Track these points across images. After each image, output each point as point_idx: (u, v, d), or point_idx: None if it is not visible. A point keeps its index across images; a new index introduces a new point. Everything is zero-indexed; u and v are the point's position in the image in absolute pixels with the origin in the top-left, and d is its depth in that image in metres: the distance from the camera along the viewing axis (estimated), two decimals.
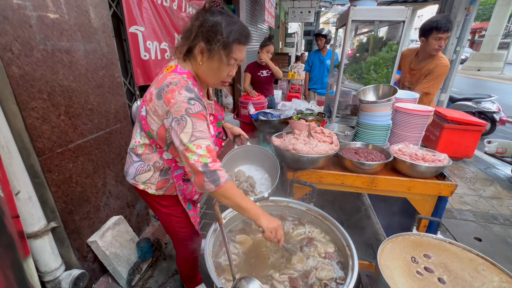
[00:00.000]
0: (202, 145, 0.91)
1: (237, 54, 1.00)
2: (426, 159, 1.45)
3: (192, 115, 0.92)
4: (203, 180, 0.90)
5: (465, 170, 3.70)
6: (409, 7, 1.69)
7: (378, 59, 2.05)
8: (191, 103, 0.93)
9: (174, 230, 1.34)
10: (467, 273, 0.97)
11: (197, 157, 0.90)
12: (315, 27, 12.84)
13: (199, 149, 0.90)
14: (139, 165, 1.17)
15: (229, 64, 1.01)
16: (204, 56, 1.00)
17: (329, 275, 0.96)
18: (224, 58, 0.99)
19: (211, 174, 0.90)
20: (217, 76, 1.05)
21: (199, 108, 0.95)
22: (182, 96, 0.93)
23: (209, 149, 0.92)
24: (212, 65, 1.01)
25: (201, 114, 0.95)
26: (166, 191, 1.20)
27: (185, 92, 0.94)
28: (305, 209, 1.27)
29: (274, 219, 0.98)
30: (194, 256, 1.51)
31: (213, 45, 0.96)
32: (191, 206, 1.32)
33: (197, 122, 0.93)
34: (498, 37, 14.00)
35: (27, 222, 1.26)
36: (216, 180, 0.90)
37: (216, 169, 0.91)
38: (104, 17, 1.58)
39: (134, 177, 1.20)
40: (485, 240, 2.35)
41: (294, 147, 1.44)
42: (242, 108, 3.13)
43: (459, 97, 5.16)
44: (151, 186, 1.19)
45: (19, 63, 1.12)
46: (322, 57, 4.25)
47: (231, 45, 0.97)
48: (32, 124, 1.20)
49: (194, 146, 0.90)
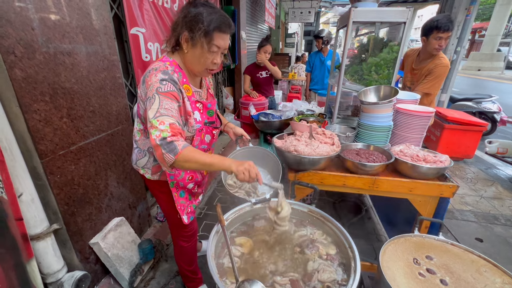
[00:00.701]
0: (165, 121, 0.94)
1: (219, 41, 1.07)
2: (428, 160, 1.45)
3: (161, 93, 0.98)
4: (162, 152, 0.91)
5: (466, 170, 3.69)
6: (410, 8, 1.69)
7: (379, 60, 2.06)
8: (163, 83, 1.00)
9: (170, 216, 1.41)
10: (469, 275, 0.97)
11: (159, 132, 0.92)
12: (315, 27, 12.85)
13: (162, 125, 0.93)
14: (137, 151, 1.28)
15: (211, 51, 1.07)
16: (189, 45, 1.08)
17: (331, 277, 0.96)
18: (205, 45, 1.05)
19: (167, 145, 0.91)
20: (201, 63, 1.11)
21: (170, 88, 1.00)
22: (157, 78, 1.01)
23: (172, 126, 0.94)
24: (195, 52, 1.08)
25: (170, 93, 1.00)
26: (161, 176, 1.28)
27: (160, 75, 1.02)
28: (306, 210, 1.27)
29: (244, 161, 0.99)
30: (190, 247, 1.54)
31: (195, 33, 1.03)
32: (185, 194, 1.35)
33: (164, 100, 0.97)
34: (498, 37, 14.00)
35: (30, 224, 1.26)
36: (173, 149, 0.91)
37: (173, 140, 0.92)
38: (105, 19, 1.59)
39: (136, 162, 1.30)
40: (486, 240, 2.35)
41: (295, 148, 1.44)
42: (243, 109, 3.14)
43: (459, 97, 5.16)
44: (147, 171, 1.28)
45: (22, 65, 1.13)
46: (323, 57, 4.25)
47: (212, 33, 1.04)
48: (35, 126, 1.21)
49: (157, 122, 0.93)
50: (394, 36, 2.16)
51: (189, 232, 1.49)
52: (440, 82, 2.15)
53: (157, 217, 2.33)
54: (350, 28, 1.82)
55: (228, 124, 1.53)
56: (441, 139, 3.60)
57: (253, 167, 0.99)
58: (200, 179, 1.40)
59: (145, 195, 2.10)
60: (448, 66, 2.12)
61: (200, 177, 1.39)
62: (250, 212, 1.27)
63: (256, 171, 0.99)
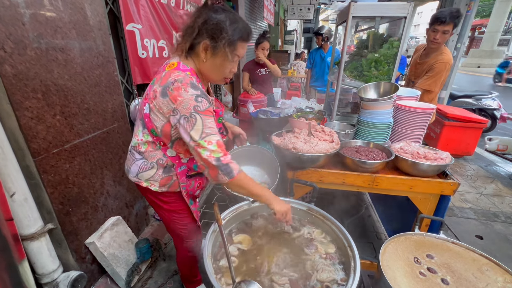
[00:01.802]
0: (212, 141, 0.96)
1: (240, 51, 1.04)
2: (428, 157, 1.43)
3: (201, 113, 0.95)
4: (217, 173, 0.97)
5: (466, 167, 3.68)
6: (410, 3, 1.66)
7: (379, 56, 2.03)
8: (199, 101, 0.96)
9: (175, 227, 1.34)
10: (470, 274, 0.96)
11: (209, 153, 0.95)
12: (315, 24, 12.76)
13: (210, 145, 0.95)
14: (142, 163, 1.18)
15: (232, 61, 1.05)
16: (208, 53, 1.02)
17: (330, 277, 0.95)
18: (229, 55, 1.02)
19: (224, 167, 0.96)
20: (220, 72, 1.08)
21: (207, 105, 0.97)
22: (189, 94, 0.95)
23: (219, 144, 0.98)
24: (216, 61, 1.03)
25: (208, 111, 0.98)
26: (170, 187, 1.22)
27: (191, 90, 0.96)
28: (305, 208, 1.25)
29: (285, 203, 1.09)
30: (194, 254, 1.50)
31: (218, 43, 0.98)
32: (193, 201, 1.32)
33: (206, 119, 0.96)
34: (498, 34, 13.95)
35: (23, 224, 1.24)
36: (229, 172, 0.97)
37: (228, 162, 0.97)
38: (100, 14, 1.55)
39: (137, 174, 1.20)
40: (486, 238, 2.34)
41: (294, 146, 1.42)
42: (242, 106, 3.11)
43: (459, 94, 5.14)
44: (154, 183, 1.20)
45: (12, 61, 1.10)
46: (323, 54, 4.23)
47: (236, 42, 1.00)
48: (27, 124, 1.18)
49: (206, 142, 0.95)
50: (394, 32, 2.13)
51: (194, 241, 1.44)
52: (440, 79, 2.10)
53: (155, 216, 2.31)
54: (350, 23, 1.79)
55: (226, 123, 1.50)
56: (441, 136, 3.58)
57: (290, 211, 1.10)
58: (204, 183, 1.36)
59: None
60: (448, 63, 2.07)
61: (205, 182, 1.35)
62: (248, 210, 1.26)
63: (290, 216, 1.09)
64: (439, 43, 2.08)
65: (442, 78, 2.11)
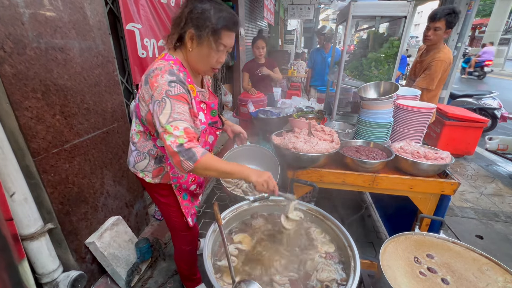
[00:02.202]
0: (179, 126, 0.92)
1: (226, 40, 1.03)
2: (428, 157, 1.42)
3: (172, 97, 0.94)
4: (180, 160, 0.90)
5: (466, 167, 3.67)
6: (410, 2, 1.65)
7: (379, 55, 2.02)
8: (172, 85, 0.95)
9: (172, 220, 1.36)
10: (471, 273, 0.95)
11: (174, 138, 0.90)
12: (315, 24, 12.75)
13: (176, 131, 0.91)
14: (136, 154, 1.22)
15: (218, 50, 1.04)
16: (194, 43, 1.02)
17: (330, 276, 0.94)
18: (213, 44, 1.01)
19: (186, 152, 0.90)
20: (207, 62, 1.07)
21: (180, 91, 0.96)
22: (164, 79, 0.95)
23: (187, 131, 0.93)
24: (202, 51, 1.03)
25: (181, 96, 0.96)
26: (162, 179, 1.23)
27: (167, 75, 0.96)
28: (305, 208, 1.25)
29: (263, 172, 1.01)
30: (191, 250, 1.51)
31: (202, 31, 0.98)
32: (187, 196, 1.32)
33: (175, 104, 0.94)
34: (499, 33, 13.93)
35: (23, 223, 1.24)
36: (192, 156, 0.90)
37: (191, 147, 0.91)
38: (99, 14, 1.55)
39: (134, 165, 1.24)
40: (486, 238, 2.34)
41: (294, 145, 1.42)
42: (242, 106, 3.10)
43: (460, 93, 5.13)
44: (148, 174, 1.22)
45: (12, 61, 1.10)
46: (324, 54, 4.23)
47: (220, 31, 0.99)
48: (26, 124, 1.18)
49: (172, 127, 0.91)
50: (394, 31, 2.13)
51: (191, 235, 1.45)
52: (437, 77, 2.09)
53: (155, 215, 2.31)
54: (350, 23, 1.79)
55: (226, 121, 1.50)
56: (441, 136, 3.57)
57: (272, 179, 1.00)
58: (202, 179, 1.37)
59: (142, 193, 2.08)
60: (445, 61, 2.06)
61: (202, 177, 1.36)
62: (248, 210, 1.25)
63: (274, 183, 1.01)
64: (431, 39, 2.08)
65: (439, 76, 2.10)
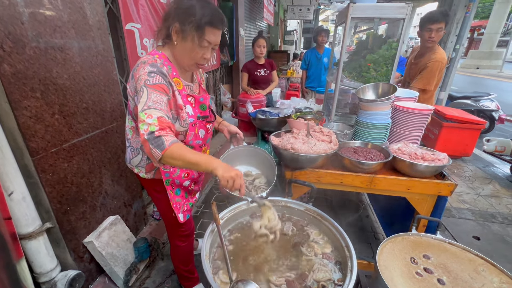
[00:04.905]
0: (153, 115, 0.92)
1: (210, 36, 1.04)
2: (426, 158, 1.43)
3: (149, 86, 0.96)
4: (149, 147, 0.89)
5: (464, 168, 3.69)
6: (409, 4, 1.66)
7: (377, 57, 2.03)
8: (151, 76, 0.97)
9: (167, 216, 1.38)
10: (467, 274, 0.96)
11: (146, 126, 0.90)
12: (314, 24, 12.77)
13: (149, 118, 0.91)
14: (130, 150, 1.25)
15: (201, 46, 1.05)
16: (179, 37, 1.05)
17: (326, 276, 0.95)
18: (196, 39, 1.02)
19: (155, 140, 0.88)
20: (191, 57, 1.08)
21: (158, 81, 0.98)
22: (145, 70, 0.98)
23: (160, 120, 0.92)
24: (186, 45, 1.05)
25: (159, 86, 0.98)
26: (155, 174, 1.26)
27: (149, 67, 0.99)
28: (303, 209, 1.26)
29: (232, 169, 0.94)
30: (186, 247, 1.52)
31: (186, 26, 1.00)
32: (181, 192, 1.33)
33: (152, 93, 0.95)
34: (497, 35, 13.99)
35: (21, 223, 1.24)
36: (160, 144, 0.89)
37: (161, 135, 0.89)
38: (99, 14, 1.55)
39: (130, 161, 1.28)
40: (483, 238, 2.35)
41: (292, 146, 1.43)
42: (241, 106, 3.11)
43: (458, 95, 5.15)
44: (141, 169, 1.26)
45: (11, 60, 1.10)
46: (319, 55, 4.23)
47: (203, 26, 1.01)
48: (25, 123, 1.18)
49: (145, 115, 0.91)
50: (393, 33, 2.14)
51: (186, 231, 1.46)
52: (433, 77, 2.13)
53: (153, 215, 2.31)
54: (349, 24, 1.80)
55: (222, 122, 1.50)
56: (440, 137, 3.59)
57: (240, 177, 0.94)
58: (196, 176, 1.37)
59: (141, 193, 2.08)
60: (440, 61, 2.10)
61: (196, 174, 1.36)
62: (246, 210, 1.26)
63: (241, 182, 0.94)
64: (435, 41, 2.13)
65: (436, 77, 2.14)
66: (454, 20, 4.02)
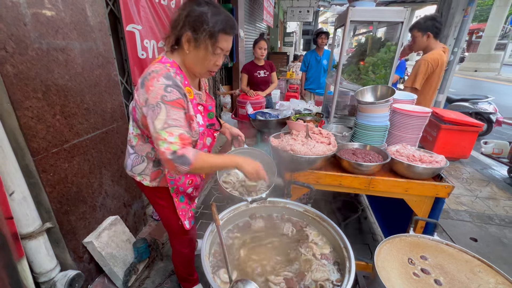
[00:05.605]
0: (174, 132, 0.92)
1: (223, 43, 1.03)
2: (423, 160, 1.45)
3: (167, 103, 0.94)
4: (174, 166, 0.92)
5: (462, 170, 3.72)
6: (407, 8, 1.68)
7: (376, 59, 2.05)
8: (168, 90, 0.94)
9: (170, 223, 1.36)
10: (463, 275, 0.97)
11: (167, 145, 0.91)
12: (314, 26, 12.83)
13: (171, 137, 0.91)
14: (134, 157, 1.22)
15: (215, 53, 1.04)
16: (191, 45, 1.02)
17: (324, 276, 0.96)
18: (210, 47, 1.01)
19: (179, 158, 0.91)
20: (204, 65, 1.07)
21: (176, 96, 0.96)
22: (160, 83, 0.94)
23: (181, 137, 0.93)
24: (199, 54, 1.03)
25: (177, 102, 0.96)
26: (160, 182, 1.23)
27: (163, 79, 0.95)
28: (302, 210, 1.27)
29: (252, 161, 1.07)
30: (189, 252, 1.52)
31: (199, 34, 0.98)
32: (184, 199, 1.33)
33: (171, 110, 0.94)
34: (495, 38, 14.09)
35: (22, 222, 1.24)
36: (185, 161, 0.92)
37: (184, 153, 0.92)
38: (100, 15, 1.56)
39: (131, 169, 1.24)
40: (481, 240, 2.37)
41: (292, 147, 1.44)
42: (240, 107, 3.12)
43: (456, 97, 5.18)
44: (145, 177, 1.23)
45: (13, 61, 1.11)
46: (318, 57, 4.26)
47: (217, 34, 0.99)
48: (27, 123, 1.19)
49: (166, 134, 0.91)
50: (392, 36, 2.16)
51: (189, 238, 1.46)
52: (419, 75, 2.21)
53: (153, 215, 2.31)
54: (348, 27, 1.82)
55: (224, 124, 1.51)
56: (438, 139, 3.61)
57: (261, 167, 1.07)
58: (199, 182, 1.37)
59: (140, 194, 2.08)
60: (428, 60, 2.18)
61: (199, 180, 1.36)
62: (246, 211, 1.27)
63: (263, 173, 1.07)
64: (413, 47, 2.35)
65: (422, 75, 2.21)
66: (452, 24, 4.05)
